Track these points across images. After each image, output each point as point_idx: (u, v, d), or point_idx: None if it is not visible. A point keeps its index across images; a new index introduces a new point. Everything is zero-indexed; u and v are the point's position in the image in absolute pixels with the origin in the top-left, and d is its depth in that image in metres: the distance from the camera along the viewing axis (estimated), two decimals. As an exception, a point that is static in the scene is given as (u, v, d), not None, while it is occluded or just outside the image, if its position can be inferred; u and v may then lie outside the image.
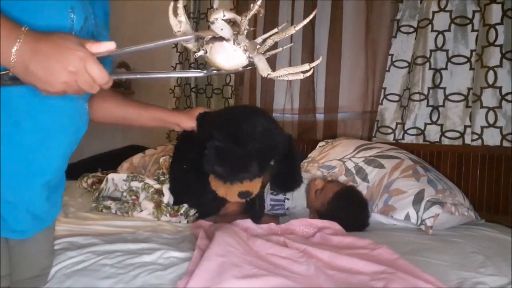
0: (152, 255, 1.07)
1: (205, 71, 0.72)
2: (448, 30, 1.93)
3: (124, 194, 1.64)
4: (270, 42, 0.67)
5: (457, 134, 1.92)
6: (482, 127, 1.81)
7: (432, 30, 1.95)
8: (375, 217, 1.68)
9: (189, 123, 1.24)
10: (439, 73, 1.96)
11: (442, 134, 1.96)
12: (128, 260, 1.04)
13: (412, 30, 2.03)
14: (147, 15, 3.28)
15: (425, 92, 1.99)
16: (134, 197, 1.60)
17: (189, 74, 0.77)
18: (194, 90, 3.01)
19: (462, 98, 1.91)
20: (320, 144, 2.19)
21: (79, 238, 1.17)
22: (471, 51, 1.88)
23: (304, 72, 0.67)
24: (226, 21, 0.62)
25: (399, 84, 2.09)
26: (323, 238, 1.28)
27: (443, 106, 1.95)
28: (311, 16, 0.68)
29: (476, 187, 1.84)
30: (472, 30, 1.87)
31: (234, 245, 1.03)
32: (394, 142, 2.08)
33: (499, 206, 1.76)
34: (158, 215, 1.52)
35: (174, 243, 1.22)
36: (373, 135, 2.17)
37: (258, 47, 0.67)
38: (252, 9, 0.62)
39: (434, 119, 1.98)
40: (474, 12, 1.86)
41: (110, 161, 2.50)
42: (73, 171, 1.78)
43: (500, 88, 1.77)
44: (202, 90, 3.00)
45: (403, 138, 2.06)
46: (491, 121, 1.79)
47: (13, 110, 0.68)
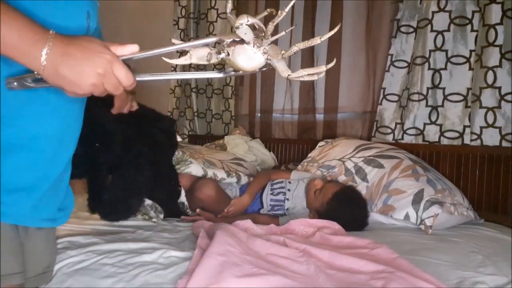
0: (153, 254, 1.08)
1: (222, 73, 0.74)
2: (448, 30, 1.93)
3: None
4: (296, 49, 0.71)
5: (456, 134, 1.92)
6: (481, 127, 1.81)
7: (432, 30, 1.96)
8: (375, 216, 1.68)
9: None
10: (438, 73, 1.96)
11: (441, 134, 1.97)
12: (128, 259, 1.05)
13: (412, 30, 2.03)
14: (147, 15, 3.28)
15: (424, 92, 1.99)
16: None
17: (207, 75, 0.78)
18: (194, 90, 3.01)
19: (461, 98, 1.91)
20: (320, 144, 2.20)
21: (79, 238, 1.18)
22: (471, 51, 1.88)
23: (318, 73, 0.71)
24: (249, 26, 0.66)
25: (398, 84, 2.09)
26: (323, 238, 1.28)
27: (442, 106, 1.96)
28: (336, 28, 0.73)
29: (475, 187, 1.84)
30: (472, 30, 1.87)
31: (234, 244, 1.03)
32: (394, 142, 2.08)
33: (498, 205, 1.76)
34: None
35: (175, 242, 1.22)
36: (372, 135, 2.17)
37: (283, 52, 0.70)
38: (280, 15, 0.67)
39: (433, 119, 1.98)
40: (473, 12, 1.86)
41: (110, 161, 2.50)
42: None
43: (499, 88, 1.77)
44: (202, 90, 3.00)
45: (402, 138, 2.07)
46: (490, 121, 1.79)
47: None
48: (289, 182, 1.80)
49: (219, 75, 0.75)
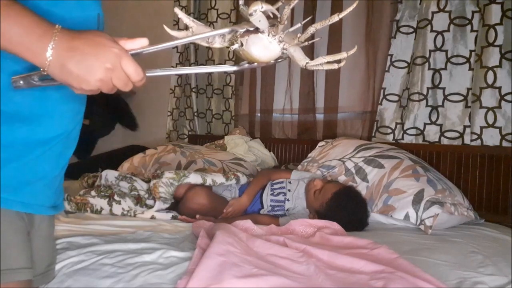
0: (152, 254, 1.07)
1: (236, 66, 0.71)
2: (448, 31, 1.93)
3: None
4: (312, 29, 0.66)
5: (456, 134, 1.92)
6: (482, 127, 1.81)
7: (432, 31, 1.96)
8: (375, 217, 1.68)
9: None
10: (438, 73, 1.96)
11: (442, 134, 1.97)
12: (128, 259, 1.04)
13: (412, 30, 2.03)
14: (147, 15, 3.28)
15: (424, 92, 1.99)
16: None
17: (221, 69, 0.76)
18: (194, 90, 3.01)
19: (462, 98, 1.91)
20: (320, 144, 2.19)
21: (79, 238, 1.18)
22: (471, 51, 1.88)
23: (338, 62, 0.67)
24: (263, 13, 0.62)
25: (398, 84, 2.09)
26: (323, 238, 1.28)
27: (443, 106, 1.96)
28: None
29: (475, 187, 1.84)
30: (472, 31, 1.87)
31: (235, 245, 1.03)
32: (394, 142, 2.08)
33: (499, 206, 1.76)
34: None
35: (174, 242, 1.22)
36: (372, 135, 2.17)
37: (299, 36, 0.66)
38: None
39: (434, 119, 1.98)
40: (473, 12, 1.86)
41: (110, 161, 2.50)
42: (73, 171, 1.79)
43: (499, 88, 1.77)
44: (202, 90, 3.00)
45: (402, 138, 2.07)
46: (491, 121, 1.79)
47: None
48: (289, 182, 1.80)
49: (233, 68, 0.71)
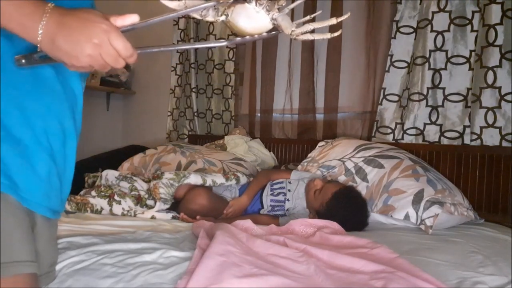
0: (153, 254, 1.07)
1: (226, 41, 0.70)
2: (448, 31, 1.93)
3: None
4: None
5: (456, 134, 1.93)
6: (481, 127, 1.82)
7: (432, 31, 1.96)
8: (375, 216, 1.68)
9: None
10: (438, 73, 1.96)
11: (442, 134, 1.97)
12: (128, 259, 1.04)
13: (412, 30, 2.03)
14: (147, 15, 3.28)
15: (424, 92, 1.99)
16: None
17: (212, 44, 0.76)
18: (194, 90, 3.01)
19: (461, 98, 1.91)
20: (320, 144, 2.20)
21: (79, 238, 1.18)
22: (471, 51, 1.88)
23: (333, 31, 0.64)
24: None
25: (398, 84, 2.09)
26: (323, 238, 1.28)
27: (443, 106, 1.96)
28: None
29: (475, 187, 1.84)
30: (472, 31, 1.87)
31: (235, 245, 1.03)
32: (394, 142, 2.08)
33: (498, 205, 1.76)
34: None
35: (175, 242, 1.22)
36: (372, 135, 2.17)
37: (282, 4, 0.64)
38: None
39: (434, 119, 1.98)
40: (473, 12, 1.86)
41: (110, 161, 2.50)
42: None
43: (499, 88, 1.77)
44: (202, 90, 3.00)
45: (402, 138, 2.07)
46: (490, 121, 1.79)
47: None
48: (289, 182, 1.80)
49: (223, 43, 0.71)
